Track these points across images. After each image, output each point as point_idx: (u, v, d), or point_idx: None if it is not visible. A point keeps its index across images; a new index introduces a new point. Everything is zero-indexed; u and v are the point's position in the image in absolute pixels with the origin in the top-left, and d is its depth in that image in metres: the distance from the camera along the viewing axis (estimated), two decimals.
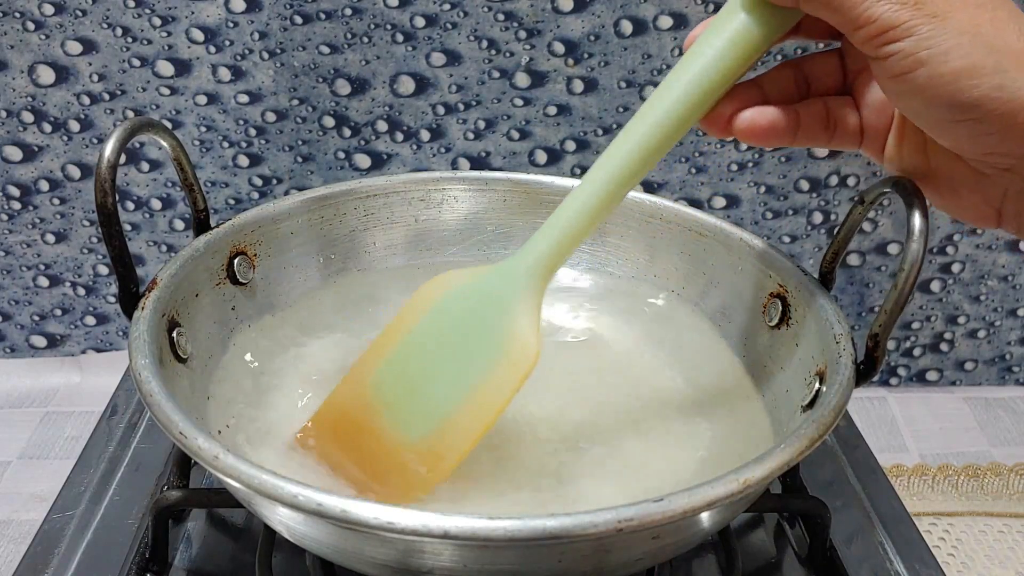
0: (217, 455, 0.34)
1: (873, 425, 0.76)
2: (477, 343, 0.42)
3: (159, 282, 0.44)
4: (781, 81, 0.40)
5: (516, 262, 0.42)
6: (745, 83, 0.40)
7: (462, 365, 0.42)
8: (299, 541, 0.38)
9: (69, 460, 0.54)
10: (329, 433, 0.44)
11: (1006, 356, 0.81)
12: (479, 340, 0.42)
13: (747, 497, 0.37)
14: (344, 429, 0.44)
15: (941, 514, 0.67)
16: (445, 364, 0.42)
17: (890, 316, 0.40)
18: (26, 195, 0.73)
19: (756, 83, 0.40)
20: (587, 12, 0.67)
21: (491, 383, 0.41)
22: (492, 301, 0.42)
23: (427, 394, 0.42)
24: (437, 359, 0.43)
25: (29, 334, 0.79)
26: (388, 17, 0.68)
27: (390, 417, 0.43)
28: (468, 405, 0.41)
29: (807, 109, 0.39)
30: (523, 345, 0.41)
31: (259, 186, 0.73)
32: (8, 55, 0.68)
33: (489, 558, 0.35)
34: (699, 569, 0.47)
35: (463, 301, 0.43)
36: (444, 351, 0.42)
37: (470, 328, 0.42)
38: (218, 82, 0.69)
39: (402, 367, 0.43)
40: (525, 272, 0.42)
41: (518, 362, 0.41)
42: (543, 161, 0.73)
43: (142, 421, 0.55)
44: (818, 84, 0.40)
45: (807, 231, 0.75)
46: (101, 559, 0.45)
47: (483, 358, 0.41)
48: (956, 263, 0.77)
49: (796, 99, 0.40)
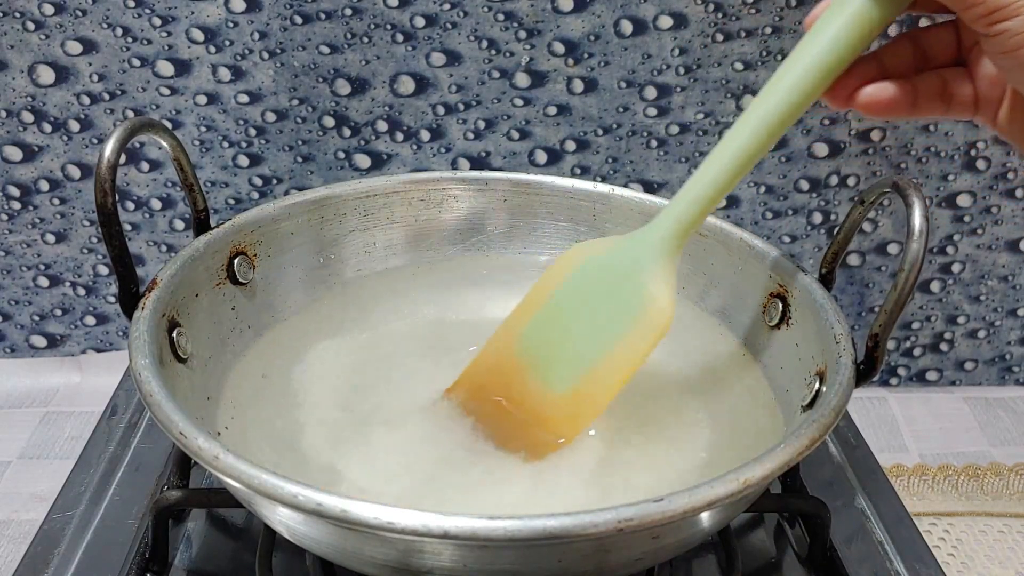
0: (217, 455, 0.34)
1: (873, 425, 0.76)
2: (616, 305, 0.45)
3: (159, 282, 0.44)
4: (900, 53, 0.41)
5: (652, 230, 0.45)
6: (865, 57, 0.41)
7: (602, 325, 0.45)
8: (299, 541, 0.38)
9: (69, 460, 0.54)
10: (476, 388, 0.48)
11: (1006, 356, 0.81)
12: (618, 303, 0.45)
13: (747, 497, 0.37)
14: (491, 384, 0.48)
15: (941, 514, 0.67)
16: (586, 324, 0.46)
17: (890, 316, 0.40)
18: (26, 195, 0.73)
19: (876, 56, 0.41)
20: (587, 12, 0.67)
21: (629, 342, 0.45)
22: (631, 267, 0.45)
23: (570, 351, 0.46)
24: (579, 319, 0.46)
25: (29, 334, 0.79)
26: (388, 17, 0.68)
27: (536, 373, 0.47)
28: (608, 361, 0.45)
29: (924, 82, 0.41)
30: (660, 308, 0.44)
31: (259, 186, 0.73)
32: (8, 55, 0.68)
33: (489, 558, 0.35)
34: (699, 569, 0.47)
35: (603, 267, 0.46)
36: (585, 312, 0.46)
37: (610, 291, 0.46)
38: (218, 82, 0.69)
39: (547, 327, 0.47)
40: (660, 239, 0.44)
41: (655, 323, 0.44)
42: (543, 161, 0.73)
43: (142, 421, 0.55)
44: (934, 56, 0.41)
45: (807, 231, 0.75)
46: (101, 559, 0.45)
47: (622, 319, 0.45)
48: (956, 263, 0.77)
49: (914, 71, 0.41)
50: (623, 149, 0.72)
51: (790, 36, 0.68)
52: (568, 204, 0.57)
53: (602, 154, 0.72)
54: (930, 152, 0.73)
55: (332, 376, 0.50)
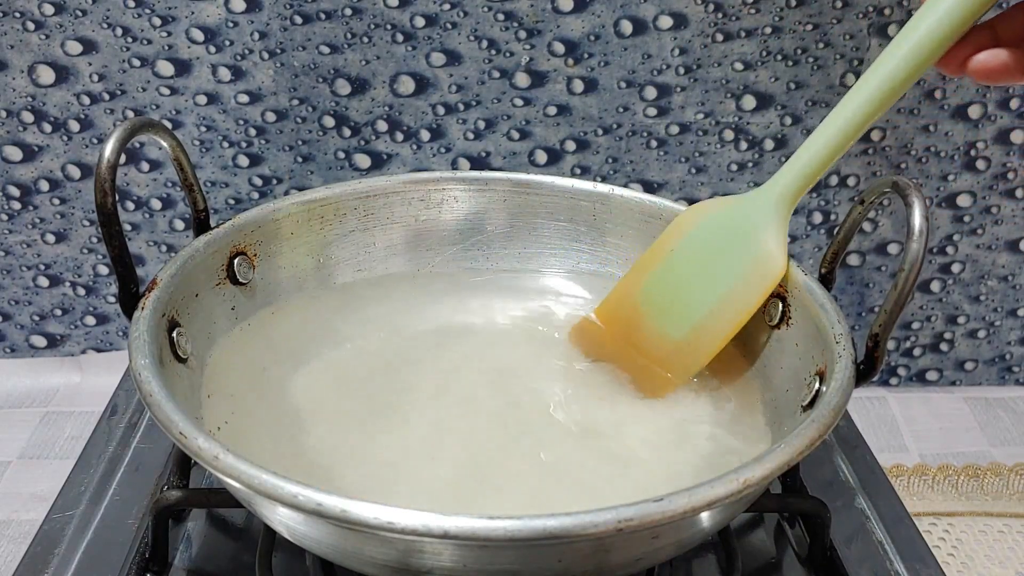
0: (217, 455, 0.34)
1: (873, 425, 0.76)
2: (732, 259, 0.49)
3: (159, 282, 0.44)
4: (1014, 23, 0.43)
5: (768, 188, 0.48)
6: (979, 26, 0.43)
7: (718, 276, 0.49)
8: (299, 541, 0.38)
9: (69, 460, 0.54)
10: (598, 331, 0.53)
11: (1006, 356, 0.81)
12: (734, 257, 0.49)
13: (747, 497, 0.37)
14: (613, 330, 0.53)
15: (941, 514, 0.67)
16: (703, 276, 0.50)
17: (890, 316, 0.40)
18: (26, 195, 0.73)
19: (989, 25, 0.43)
20: (587, 12, 0.67)
21: (742, 291, 0.48)
22: (747, 224, 0.49)
23: (688, 299, 0.50)
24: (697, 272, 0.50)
25: (29, 334, 0.79)
26: (388, 17, 0.68)
27: (655, 321, 0.51)
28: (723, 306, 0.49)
29: None
30: (771, 258, 0.47)
31: (259, 186, 0.73)
32: (8, 55, 0.68)
33: (489, 558, 0.35)
34: (699, 569, 0.47)
35: (721, 225, 0.50)
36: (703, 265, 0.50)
37: (726, 246, 0.49)
38: (218, 82, 0.69)
39: (666, 280, 0.51)
40: (775, 198, 0.48)
41: (767, 274, 0.47)
42: (543, 161, 0.73)
43: (142, 421, 0.55)
44: None
45: (807, 231, 0.75)
46: (101, 559, 0.45)
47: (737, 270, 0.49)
48: (956, 263, 0.77)
49: None
50: (623, 149, 0.72)
51: (790, 36, 0.69)
52: (568, 204, 0.57)
53: (602, 154, 0.72)
54: (930, 152, 0.73)
55: (333, 376, 0.50)
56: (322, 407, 0.48)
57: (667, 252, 0.51)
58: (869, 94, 0.44)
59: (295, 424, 0.46)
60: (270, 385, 0.48)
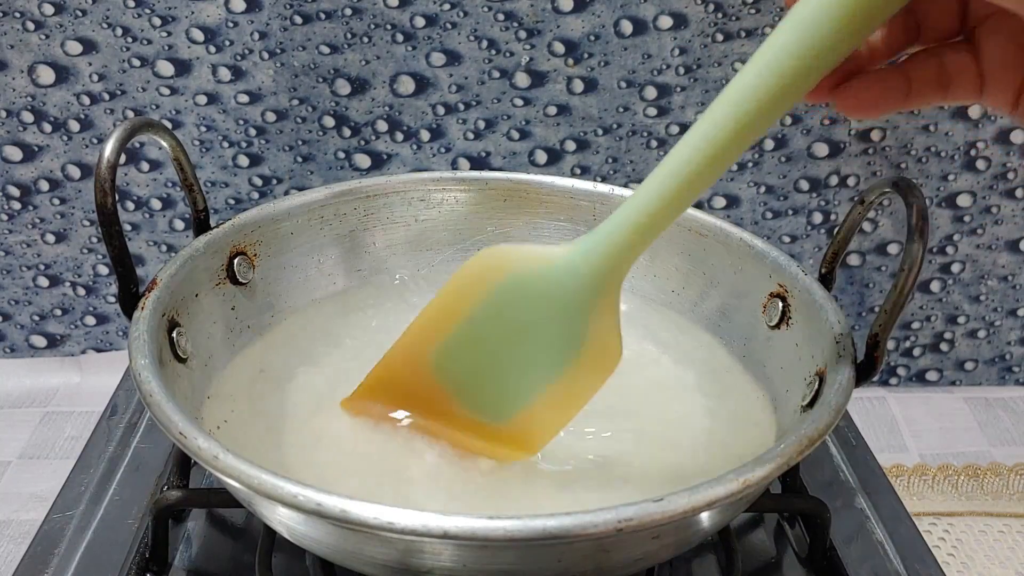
0: (217, 455, 0.34)
1: (873, 425, 0.76)
2: (556, 340, 0.41)
3: (159, 282, 0.44)
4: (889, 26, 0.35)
5: (589, 249, 0.39)
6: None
7: (540, 361, 0.41)
8: (299, 541, 0.38)
9: (69, 460, 0.54)
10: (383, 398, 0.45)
11: (1006, 356, 0.81)
12: (557, 338, 0.41)
13: (747, 497, 0.37)
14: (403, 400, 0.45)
15: (941, 514, 0.67)
16: (520, 354, 0.42)
17: (890, 316, 0.40)
18: (26, 195, 0.73)
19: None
20: (587, 12, 0.67)
21: (571, 381, 0.41)
22: (566, 294, 0.40)
23: (504, 382, 0.42)
24: (509, 349, 0.42)
25: (29, 334, 0.79)
26: (388, 17, 0.68)
27: (461, 400, 0.43)
28: (548, 399, 0.42)
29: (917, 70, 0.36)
30: (607, 349, 0.41)
31: (259, 186, 0.73)
32: (8, 55, 0.68)
33: (489, 558, 0.35)
34: (699, 569, 0.47)
35: (533, 293, 0.41)
36: (515, 340, 0.42)
37: (543, 320, 0.41)
38: (218, 82, 0.69)
39: (468, 350, 0.43)
40: (600, 261, 0.39)
41: (603, 365, 0.41)
42: (543, 161, 0.73)
43: (142, 421, 0.55)
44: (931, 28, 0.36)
45: (807, 231, 0.75)
46: (101, 559, 0.45)
47: (562, 355, 0.41)
48: (956, 263, 0.77)
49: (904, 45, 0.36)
50: (623, 149, 0.72)
51: None
52: (568, 204, 0.57)
53: (602, 154, 0.72)
54: (930, 152, 0.73)
55: (332, 376, 0.50)
56: (323, 406, 0.48)
57: (463, 318, 0.43)
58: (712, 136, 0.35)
59: (296, 424, 0.46)
60: (269, 385, 0.48)
